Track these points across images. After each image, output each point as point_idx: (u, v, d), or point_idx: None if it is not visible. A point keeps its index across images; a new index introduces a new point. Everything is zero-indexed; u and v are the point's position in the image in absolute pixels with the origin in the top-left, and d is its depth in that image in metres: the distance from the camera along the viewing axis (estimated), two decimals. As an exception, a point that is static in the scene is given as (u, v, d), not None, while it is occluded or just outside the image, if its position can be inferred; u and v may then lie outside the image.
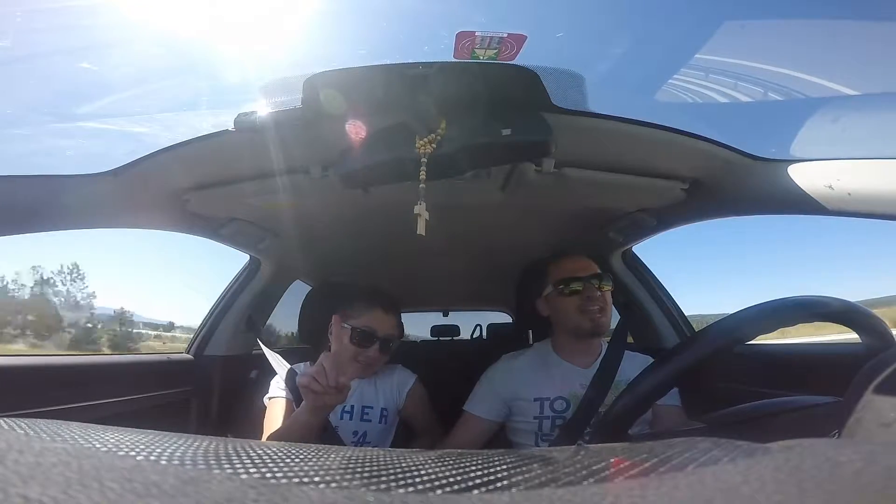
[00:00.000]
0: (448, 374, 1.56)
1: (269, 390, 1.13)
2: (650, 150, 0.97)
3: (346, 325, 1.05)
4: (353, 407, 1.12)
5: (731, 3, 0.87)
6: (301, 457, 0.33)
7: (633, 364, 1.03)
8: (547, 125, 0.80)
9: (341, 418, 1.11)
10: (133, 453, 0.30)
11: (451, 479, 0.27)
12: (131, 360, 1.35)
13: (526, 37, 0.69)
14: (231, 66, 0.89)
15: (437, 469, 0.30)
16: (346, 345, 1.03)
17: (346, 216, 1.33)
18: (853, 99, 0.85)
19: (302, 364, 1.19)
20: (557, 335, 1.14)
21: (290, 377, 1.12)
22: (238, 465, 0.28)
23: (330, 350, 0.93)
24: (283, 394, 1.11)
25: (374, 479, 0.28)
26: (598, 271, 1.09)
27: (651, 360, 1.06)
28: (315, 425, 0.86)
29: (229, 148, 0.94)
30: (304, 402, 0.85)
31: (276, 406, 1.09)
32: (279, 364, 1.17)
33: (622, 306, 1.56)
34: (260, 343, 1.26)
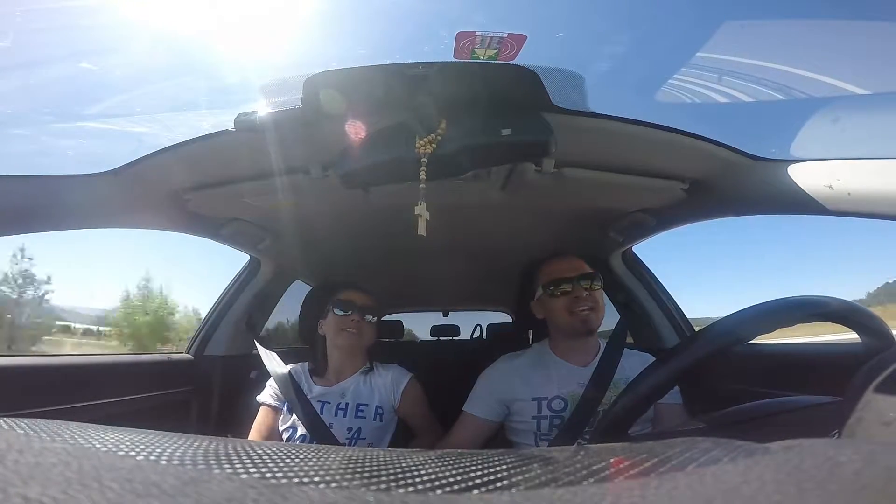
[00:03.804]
0: (448, 374, 1.56)
1: (262, 393, 1.20)
2: (650, 150, 0.97)
3: (330, 304, 1.19)
4: (347, 404, 1.13)
5: (731, 2, 0.87)
6: (301, 457, 0.33)
7: (634, 362, 1.03)
8: (547, 125, 0.80)
9: (336, 415, 1.12)
10: (133, 453, 0.30)
11: (451, 479, 0.27)
12: (131, 360, 1.35)
13: (526, 37, 0.69)
14: (231, 66, 0.89)
15: (437, 469, 0.30)
16: (333, 317, 1.16)
17: (346, 216, 1.33)
18: (853, 99, 0.85)
19: (298, 365, 1.21)
20: (553, 335, 1.14)
21: (284, 381, 1.14)
22: (238, 465, 0.28)
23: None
24: (271, 401, 1.17)
25: (374, 479, 0.28)
26: (589, 271, 1.08)
27: (650, 357, 1.06)
28: None
29: (229, 148, 0.94)
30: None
31: (261, 413, 1.18)
32: (274, 365, 1.19)
33: (622, 306, 1.56)
34: (257, 344, 1.27)
